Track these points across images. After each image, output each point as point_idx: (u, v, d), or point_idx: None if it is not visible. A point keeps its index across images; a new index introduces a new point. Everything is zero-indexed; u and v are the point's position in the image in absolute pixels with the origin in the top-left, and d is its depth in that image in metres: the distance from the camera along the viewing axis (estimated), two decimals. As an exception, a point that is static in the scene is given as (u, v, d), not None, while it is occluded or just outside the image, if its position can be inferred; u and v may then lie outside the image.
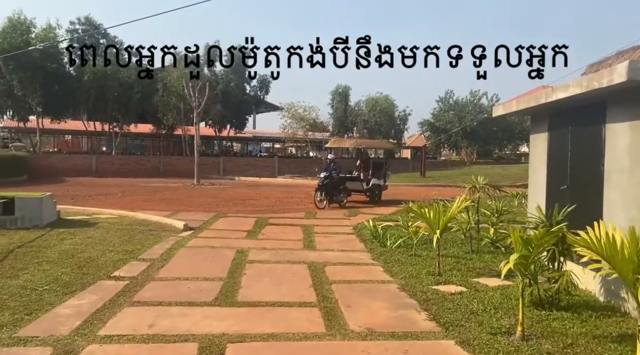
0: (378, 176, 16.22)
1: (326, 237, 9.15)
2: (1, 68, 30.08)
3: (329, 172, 14.60)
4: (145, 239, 8.28)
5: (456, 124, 44.41)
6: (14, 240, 7.75)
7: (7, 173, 22.50)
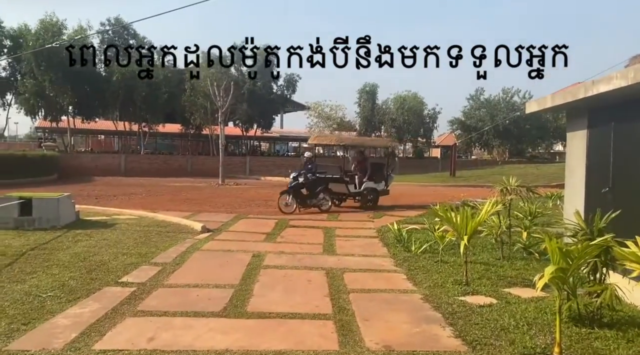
0: (376, 179, 14.33)
1: (347, 240, 8.75)
2: (33, 69, 30.74)
3: (299, 173, 13.13)
4: (161, 242, 8.06)
5: (488, 122, 43.30)
6: (29, 241, 7.64)
7: (38, 172, 22.91)
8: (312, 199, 13.02)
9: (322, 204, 13.16)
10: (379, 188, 14.36)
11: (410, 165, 38.96)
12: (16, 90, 33.75)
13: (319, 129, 40.05)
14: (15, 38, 32.70)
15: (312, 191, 13.03)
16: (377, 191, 14.31)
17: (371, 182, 14.24)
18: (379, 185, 14.39)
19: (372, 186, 14.22)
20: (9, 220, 8.63)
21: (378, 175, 14.55)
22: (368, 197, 14.12)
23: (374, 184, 14.28)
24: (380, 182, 14.43)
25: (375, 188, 14.27)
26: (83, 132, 48.49)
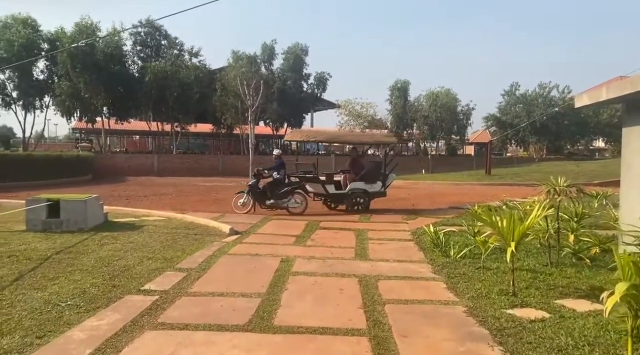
0: (368, 179, 12.88)
1: (381, 244, 8.30)
2: (68, 71, 31.37)
3: (261, 170, 12.53)
4: (188, 245, 7.81)
5: (524, 118, 41.92)
6: (55, 245, 7.50)
7: (73, 173, 23.30)
8: (277, 200, 12.12)
9: (290, 206, 12.16)
10: (370, 189, 12.85)
11: (443, 163, 38.09)
12: (53, 93, 34.58)
13: (349, 127, 39.53)
14: (52, 41, 33.51)
15: (275, 191, 12.17)
16: (367, 193, 12.83)
17: (360, 183, 12.83)
18: (373, 186, 12.89)
19: (360, 187, 12.81)
20: (37, 222, 8.55)
21: (371, 175, 13.04)
22: (355, 199, 12.72)
23: (365, 184, 12.83)
24: (374, 182, 12.93)
25: (365, 189, 12.81)
26: (118, 132, 49.46)
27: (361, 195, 12.77)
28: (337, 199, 12.88)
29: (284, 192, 12.21)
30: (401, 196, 17.40)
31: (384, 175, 13.16)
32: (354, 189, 12.77)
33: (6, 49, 32.30)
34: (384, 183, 13.07)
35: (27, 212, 8.57)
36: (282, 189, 12.24)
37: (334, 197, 12.83)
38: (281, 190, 12.21)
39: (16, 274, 5.85)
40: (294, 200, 12.26)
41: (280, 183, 12.40)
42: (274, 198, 12.12)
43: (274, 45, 37.23)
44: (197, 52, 37.54)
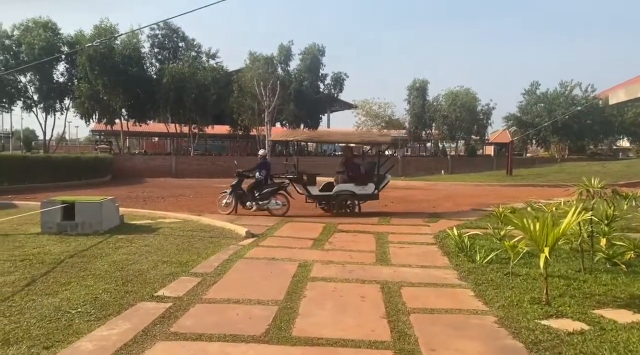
0: (358, 180, 12.21)
1: (402, 248, 8.00)
2: (87, 73, 31.65)
3: (241, 172, 12.31)
4: (204, 248, 7.61)
5: (546, 118, 41.04)
6: (69, 248, 7.37)
7: (92, 174, 23.43)
8: (258, 201, 11.94)
9: (271, 208, 11.91)
10: (359, 192, 12.13)
11: (463, 164, 37.53)
12: (73, 95, 34.95)
13: (366, 128, 39.21)
14: (72, 44, 33.85)
15: (256, 192, 12.01)
16: (355, 195, 12.14)
17: (349, 184, 12.15)
18: (364, 189, 12.15)
19: (348, 189, 12.12)
20: (52, 225, 8.45)
21: (362, 176, 12.32)
22: (344, 202, 12.10)
23: (354, 186, 12.13)
24: (365, 184, 12.18)
25: (353, 192, 12.12)
26: (136, 134, 49.93)
27: (348, 198, 12.14)
28: (321, 201, 12.33)
29: (266, 193, 12.00)
30: (421, 198, 17.02)
31: (378, 177, 12.40)
32: (340, 190, 12.14)
33: (27, 52, 32.73)
34: (377, 185, 12.31)
35: (42, 214, 8.48)
36: (263, 189, 12.04)
37: (318, 199, 12.29)
38: (263, 191, 12.02)
39: (28, 278, 5.70)
40: (275, 202, 11.98)
41: (261, 184, 12.20)
42: (255, 199, 11.96)
43: (291, 46, 37.14)
44: (214, 54, 37.67)
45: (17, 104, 36.77)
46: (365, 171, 12.56)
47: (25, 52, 32.90)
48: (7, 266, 6.23)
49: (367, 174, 12.46)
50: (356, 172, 12.42)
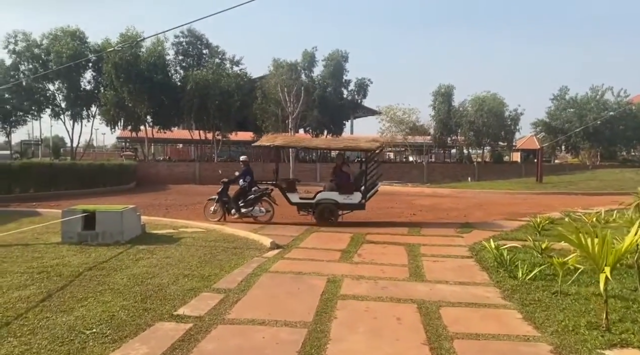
0: (342, 189, 11.55)
1: (436, 261, 7.51)
2: (113, 80, 31.97)
3: (226, 182, 12.13)
4: (227, 260, 7.26)
5: (576, 124, 39.78)
6: (89, 259, 7.11)
7: (117, 181, 23.48)
8: (242, 208, 11.81)
9: (255, 215, 11.79)
10: (342, 201, 11.46)
11: (489, 171, 36.60)
12: (99, 102, 35.36)
13: (391, 134, 38.62)
14: (98, 52, 34.27)
15: (241, 200, 11.88)
16: (338, 204, 11.47)
17: (333, 193, 11.56)
18: (348, 197, 11.47)
19: (331, 197, 11.50)
20: (73, 234, 8.22)
21: (348, 185, 11.70)
22: (326, 211, 11.45)
23: (338, 195, 11.47)
24: (350, 193, 11.50)
25: (336, 201, 11.47)
26: (161, 141, 50.33)
27: (330, 207, 11.52)
28: (302, 208, 11.82)
29: (249, 200, 11.87)
30: (450, 206, 16.43)
31: (366, 186, 11.70)
32: (322, 199, 11.57)
33: (55, 60, 33.29)
34: (364, 194, 11.61)
35: (63, 224, 8.27)
36: (248, 197, 11.90)
37: (298, 207, 11.80)
38: (246, 198, 11.89)
39: (44, 293, 5.43)
40: (259, 209, 11.87)
41: (245, 191, 12.02)
42: (239, 206, 11.84)
43: (315, 53, 36.95)
44: (238, 61, 37.69)
45: (46, 111, 37.48)
46: (354, 180, 12.09)
47: (54, 60, 33.49)
48: (24, 279, 5.98)
49: (352, 183, 11.92)
50: (344, 180, 11.95)
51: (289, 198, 11.74)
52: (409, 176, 34.70)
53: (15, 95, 34.92)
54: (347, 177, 12.09)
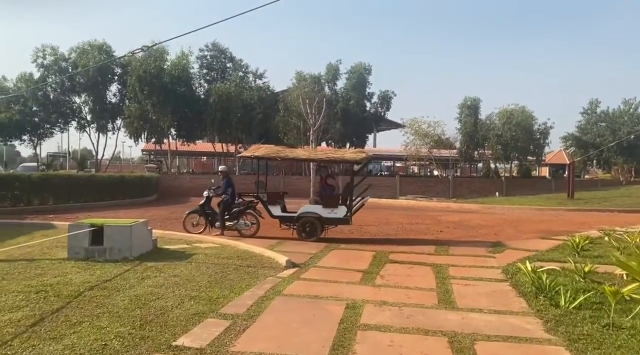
0: (330, 203, 10.94)
1: (467, 285, 6.83)
2: (137, 93, 32.18)
3: (209, 190, 11.75)
4: (238, 280, 6.73)
5: (608, 138, 38.44)
6: (93, 277, 6.67)
7: (137, 193, 23.32)
8: (227, 221, 11.43)
9: (239, 228, 11.44)
10: (326, 215, 10.85)
11: (517, 185, 35.38)
12: (124, 115, 35.67)
13: (415, 147, 37.83)
14: (124, 66, 34.69)
15: (225, 212, 11.46)
16: (321, 219, 10.85)
17: (316, 207, 10.99)
18: (333, 212, 10.83)
19: (314, 211, 10.91)
20: (80, 250, 7.83)
21: (332, 198, 11.14)
22: (307, 225, 10.86)
23: (322, 208, 10.88)
24: (335, 207, 10.87)
25: (319, 215, 10.86)
26: (185, 153, 50.55)
27: (312, 221, 10.90)
28: (284, 222, 11.29)
29: (234, 213, 11.49)
30: (479, 223, 15.63)
31: (351, 200, 11.03)
32: (305, 212, 11.00)
33: (83, 73, 33.79)
34: (350, 209, 10.95)
35: (70, 238, 7.89)
36: (231, 209, 11.51)
37: (281, 220, 11.31)
38: (231, 211, 11.51)
39: (37, 316, 4.98)
40: (244, 222, 11.48)
41: (229, 204, 11.59)
42: (223, 219, 11.43)
43: (339, 65, 36.66)
44: (261, 74, 37.66)
45: (72, 124, 38.02)
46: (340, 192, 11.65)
47: (82, 73, 33.99)
48: (20, 299, 5.55)
49: (337, 196, 11.41)
50: (329, 193, 11.48)
51: (270, 211, 11.26)
52: (434, 190, 33.82)
53: (42, 108, 35.51)
54: (332, 190, 11.66)
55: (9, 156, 76.05)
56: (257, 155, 11.64)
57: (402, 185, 34.12)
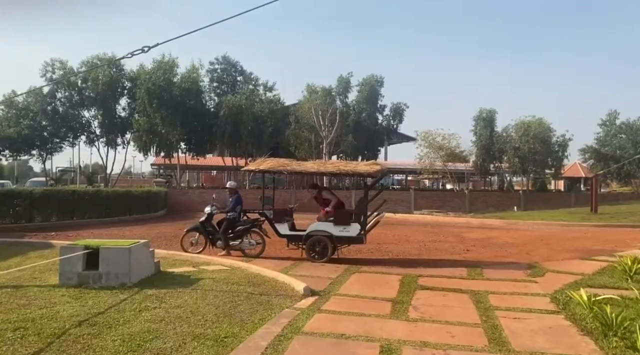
0: (341, 220, 10.03)
1: (517, 319, 5.85)
2: (146, 107, 31.65)
3: (212, 206, 10.99)
4: (250, 313, 5.82)
5: (630, 150, 37.14)
6: (83, 309, 5.79)
7: (144, 208, 22.55)
8: (230, 241, 10.59)
9: (244, 248, 10.59)
10: (339, 233, 9.89)
11: (535, 200, 34.17)
12: (133, 129, 35.14)
13: (429, 160, 36.85)
14: (134, 79, 34.27)
15: (228, 230, 10.61)
16: (332, 238, 9.87)
17: (326, 224, 10.04)
18: (345, 229, 9.90)
19: (325, 229, 9.97)
20: (72, 275, 6.98)
21: (344, 214, 10.25)
22: (317, 245, 9.92)
23: (333, 226, 9.95)
24: (347, 224, 9.95)
25: (330, 233, 9.89)
26: (195, 168, 49.96)
27: (323, 241, 9.92)
28: (292, 242, 10.41)
29: (239, 231, 10.65)
30: (507, 241, 14.59)
31: (365, 216, 10.07)
32: (314, 231, 10.03)
33: (93, 88, 33.43)
34: (364, 226, 9.98)
35: (61, 262, 7.05)
36: (235, 228, 10.66)
37: (288, 239, 10.40)
38: (235, 229, 10.66)
39: (8, 362, 4.12)
40: (249, 242, 10.67)
41: (234, 222, 10.74)
42: (226, 239, 10.59)
43: (350, 78, 35.96)
44: (271, 87, 37.06)
45: (81, 138, 37.59)
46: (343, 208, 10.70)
47: (91, 88, 33.63)
48: (-7, 338, 4.70)
49: (349, 212, 10.55)
50: (328, 205, 10.55)
51: (277, 229, 10.36)
52: (450, 205, 32.72)
53: (51, 122, 35.11)
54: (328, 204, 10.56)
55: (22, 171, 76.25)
56: (262, 169, 10.61)
57: (417, 200, 33.05)
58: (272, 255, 10.69)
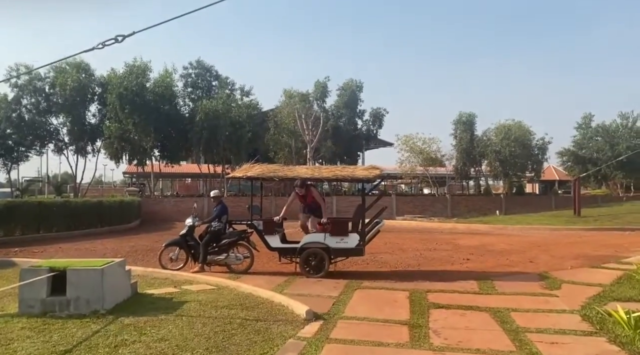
0: (339, 230, 9.10)
1: (555, 344, 5.11)
2: (117, 112, 30.31)
3: (194, 217, 9.95)
4: (247, 346, 4.94)
5: (607, 152, 37.50)
6: (47, 346, 4.81)
7: (117, 220, 21.30)
8: (213, 255, 9.59)
9: (230, 262, 9.58)
10: (336, 245, 9.01)
11: (515, 203, 34.04)
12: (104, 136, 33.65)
13: (410, 165, 36.45)
14: (104, 85, 32.83)
15: (212, 244, 9.63)
16: (329, 250, 8.99)
17: (322, 235, 9.09)
18: (343, 241, 9.03)
19: (319, 241, 9.05)
20: (35, 303, 5.96)
21: (342, 224, 9.40)
22: (312, 258, 9.00)
23: (329, 237, 9.03)
24: (344, 234, 9.09)
25: (326, 245, 9.00)
26: (169, 176, 48.53)
27: (319, 253, 9.01)
28: (284, 255, 9.45)
29: (224, 244, 9.63)
30: (504, 247, 13.99)
31: (363, 225, 9.20)
32: (308, 243, 9.09)
33: (61, 93, 31.87)
34: (363, 236, 9.12)
35: (21, 289, 6.02)
36: (220, 241, 9.66)
37: (280, 253, 9.44)
38: (219, 242, 9.65)
39: None
40: (235, 256, 9.65)
41: (219, 233, 9.74)
42: (205, 252, 9.53)
43: (327, 83, 35.30)
44: (248, 91, 36.12)
45: (49, 146, 35.85)
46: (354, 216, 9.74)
47: (59, 93, 32.04)
48: None
49: (345, 222, 9.60)
50: (315, 207, 9.54)
51: (267, 242, 9.35)
52: (432, 210, 32.28)
53: (17, 130, 33.32)
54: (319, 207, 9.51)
55: (-15, 182, 73.07)
56: (250, 176, 9.57)
57: (398, 205, 32.49)
58: (260, 270, 9.80)
